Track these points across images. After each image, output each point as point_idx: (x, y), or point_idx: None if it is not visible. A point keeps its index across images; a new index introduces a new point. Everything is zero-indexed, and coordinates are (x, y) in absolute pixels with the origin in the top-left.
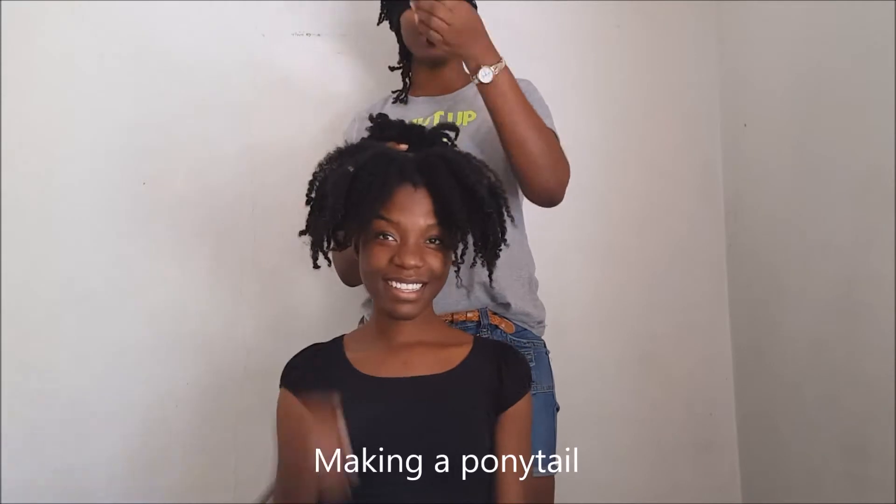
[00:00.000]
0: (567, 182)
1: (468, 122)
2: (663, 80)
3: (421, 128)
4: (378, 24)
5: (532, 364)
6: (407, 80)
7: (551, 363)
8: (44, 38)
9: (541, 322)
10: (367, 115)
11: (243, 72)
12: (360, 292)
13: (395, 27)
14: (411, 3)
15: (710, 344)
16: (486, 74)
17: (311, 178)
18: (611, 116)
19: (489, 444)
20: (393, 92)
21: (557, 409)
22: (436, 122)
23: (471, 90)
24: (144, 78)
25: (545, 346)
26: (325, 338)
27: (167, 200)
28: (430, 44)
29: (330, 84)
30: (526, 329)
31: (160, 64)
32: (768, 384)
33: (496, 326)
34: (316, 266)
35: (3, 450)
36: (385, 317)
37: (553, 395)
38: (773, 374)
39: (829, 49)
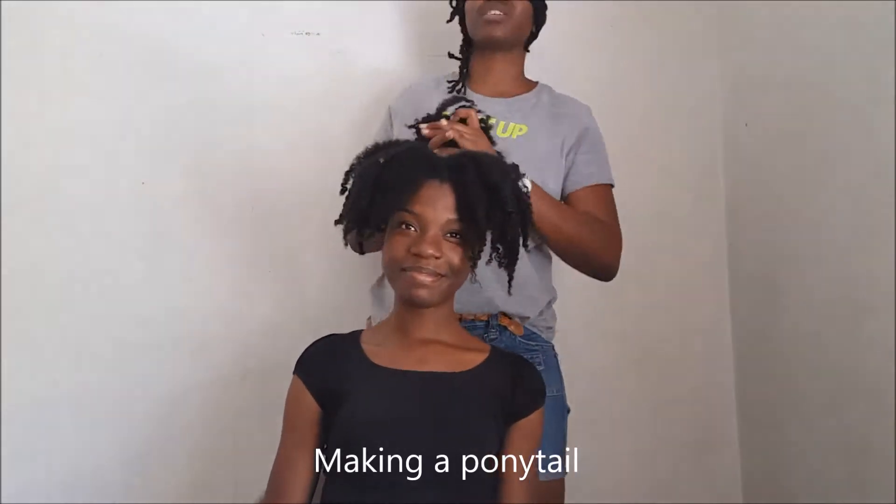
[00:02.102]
0: (619, 256)
1: (518, 135)
2: (664, 79)
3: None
4: (448, 22)
5: (541, 367)
6: (465, 70)
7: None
8: (44, 38)
9: (550, 328)
10: (412, 96)
11: (243, 71)
12: (361, 291)
13: (460, 13)
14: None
15: (710, 344)
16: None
17: (347, 168)
18: (611, 116)
19: (497, 449)
20: (448, 82)
21: (568, 412)
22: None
23: (528, 102)
24: (144, 77)
25: (554, 350)
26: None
27: (167, 200)
28: (491, 22)
29: (330, 84)
30: (535, 333)
31: (160, 63)
32: (768, 384)
33: (505, 328)
34: (362, 252)
35: (3, 450)
36: (405, 309)
37: (563, 398)
38: (774, 374)
39: (829, 48)
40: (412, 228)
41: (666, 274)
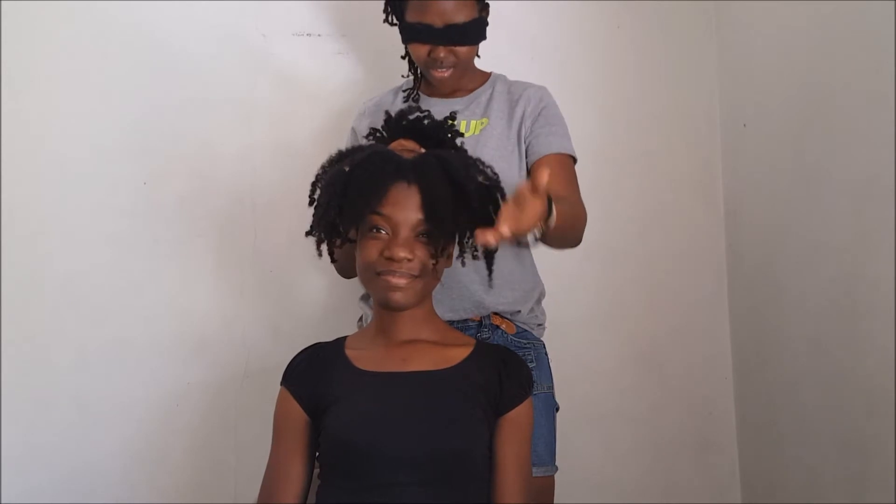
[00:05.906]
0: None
1: (481, 129)
2: (663, 80)
3: (437, 125)
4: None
5: (532, 365)
6: (418, 75)
7: (550, 363)
8: (44, 38)
9: (541, 325)
10: (376, 110)
11: (243, 72)
12: (359, 289)
13: (405, 47)
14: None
15: (710, 344)
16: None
17: (313, 179)
18: (610, 116)
19: (487, 444)
20: (403, 91)
21: (557, 409)
22: None
23: (485, 94)
24: (144, 77)
25: (544, 347)
26: (324, 337)
27: (167, 200)
28: (440, 78)
29: (330, 84)
30: (527, 330)
31: (160, 64)
32: (768, 384)
33: (497, 327)
34: (334, 260)
35: (3, 450)
36: (383, 312)
37: (553, 395)
38: (773, 374)
39: (828, 49)
40: (383, 232)
41: (665, 274)
